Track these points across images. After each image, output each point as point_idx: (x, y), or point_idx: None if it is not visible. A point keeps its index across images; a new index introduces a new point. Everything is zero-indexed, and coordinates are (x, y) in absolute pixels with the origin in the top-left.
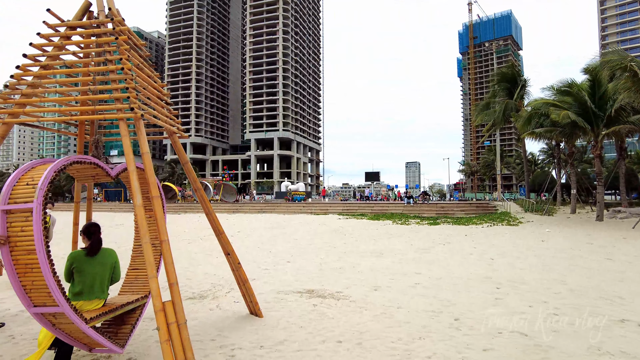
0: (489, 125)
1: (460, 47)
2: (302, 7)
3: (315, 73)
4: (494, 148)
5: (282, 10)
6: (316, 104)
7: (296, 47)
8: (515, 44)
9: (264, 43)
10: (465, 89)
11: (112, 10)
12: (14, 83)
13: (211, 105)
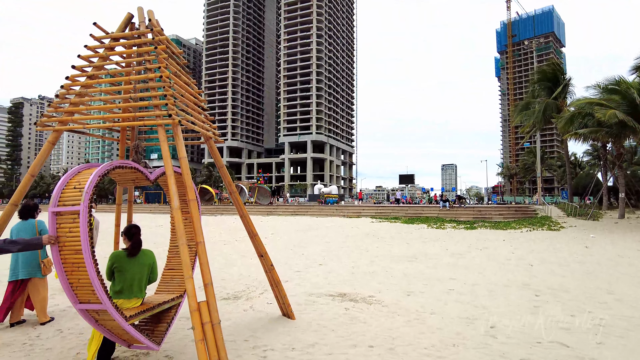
0: (528, 126)
1: (498, 46)
2: (335, 11)
3: (349, 76)
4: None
5: (316, 14)
6: (349, 106)
7: (330, 51)
8: (558, 41)
9: (298, 47)
10: (503, 89)
11: (152, 22)
12: (63, 93)
13: (247, 109)
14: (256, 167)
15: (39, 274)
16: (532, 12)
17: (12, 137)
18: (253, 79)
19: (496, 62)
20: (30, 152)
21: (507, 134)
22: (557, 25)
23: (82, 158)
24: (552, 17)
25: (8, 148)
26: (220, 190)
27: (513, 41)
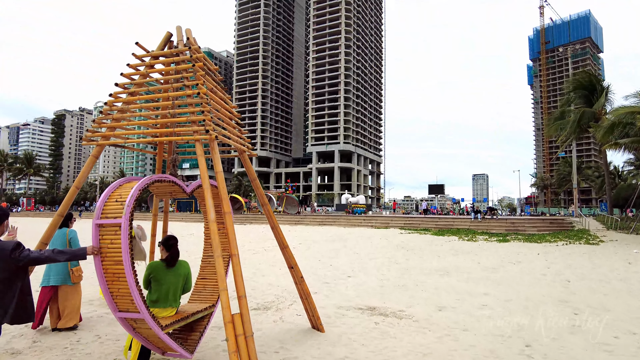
0: (563, 135)
1: (531, 53)
2: (364, 22)
3: (377, 85)
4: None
5: (345, 25)
6: (377, 115)
7: (358, 61)
8: (595, 46)
9: (326, 58)
10: (536, 97)
11: (190, 40)
12: (106, 109)
13: (276, 120)
14: (284, 176)
15: (68, 281)
16: (567, 18)
17: (55, 147)
18: (282, 89)
19: (529, 70)
20: (70, 161)
21: (540, 143)
22: (595, 30)
23: (117, 167)
24: (589, 22)
25: (51, 157)
26: (250, 199)
27: (547, 48)
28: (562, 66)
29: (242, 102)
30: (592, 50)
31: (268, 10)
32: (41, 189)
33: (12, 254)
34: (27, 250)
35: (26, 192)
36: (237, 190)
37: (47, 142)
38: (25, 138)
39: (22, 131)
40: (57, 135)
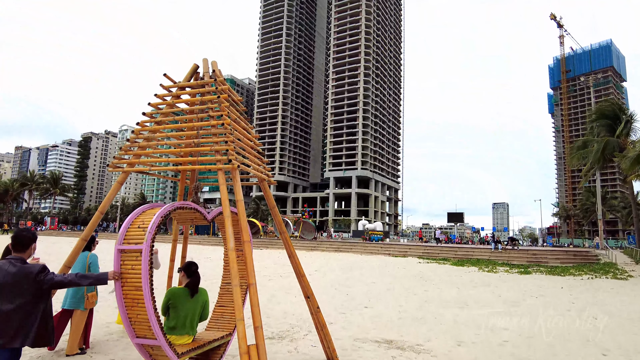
0: (588, 166)
1: (551, 81)
2: (383, 51)
3: (395, 113)
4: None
5: (364, 54)
6: (395, 142)
7: (376, 89)
8: (617, 75)
9: (345, 86)
10: (557, 126)
11: (215, 72)
12: (133, 137)
13: (294, 145)
14: (301, 201)
15: (81, 306)
16: (587, 47)
17: (80, 168)
18: (301, 115)
19: (549, 98)
20: (94, 182)
21: (562, 172)
22: (617, 59)
23: (138, 189)
24: (611, 51)
25: (75, 178)
26: (267, 223)
27: (568, 77)
28: (583, 95)
29: (262, 128)
30: (615, 79)
31: (290, 40)
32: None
33: (37, 276)
34: (52, 273)
35: (50, 212)
36: (255, 214)
37: (73, 163)
38: (54, 159)
39: (50, 152)
40: (82, 156)
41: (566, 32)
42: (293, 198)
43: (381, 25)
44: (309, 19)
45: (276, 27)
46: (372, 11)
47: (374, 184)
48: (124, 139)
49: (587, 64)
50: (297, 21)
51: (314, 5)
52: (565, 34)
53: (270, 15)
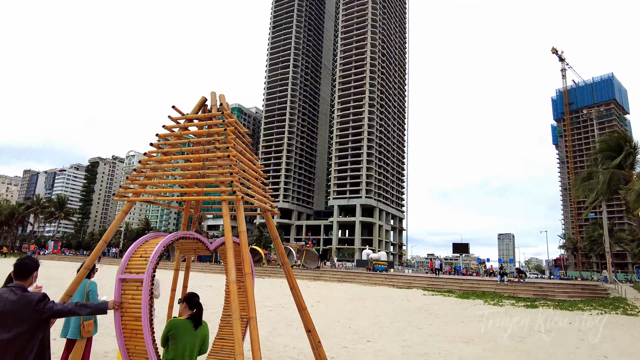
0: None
1: (554, 113)
2: (388, 82)
3: (400, 142)
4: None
5: (369, 85)
6: (399, 171)
7: (381, 119)
8: (620, 108)
9: (350, 116)
10: (562, 157)
11: (223, 105)
12: (140, 167)
13: (299, 173)
14: (305, 229)
15: (78, 336)
16: (589, 80)
17: (86, 193)
18: (306, 144)
19: (553, 130)
20: (99, 207)
21: (568, 203)
22: (619, 92)
23: (142, 215)
24: (613, 85)
25: (81, 202)
26: (269, 251)
27: (571, 109)
28: (587, 127)
29: (268, 155)
30: (618, 112)
31: (296, 71)
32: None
33: (37, 305)
34: (52, 302)
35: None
36: (258, 241)
37: (79, 187)
38: (60, 183)
39: (58, 176)
40: (89, 181)
41: (568, 66)
42: (297, 226)
43: (386, 57)
44: (315, 52)
45: (284, 58)
46: (377, 44)
47: (378, 213)
48: (131, 164)
49: (590, 97)
50: (304, 53)
51: (320, 39)
52: (567, 67)
53: (278, 47)
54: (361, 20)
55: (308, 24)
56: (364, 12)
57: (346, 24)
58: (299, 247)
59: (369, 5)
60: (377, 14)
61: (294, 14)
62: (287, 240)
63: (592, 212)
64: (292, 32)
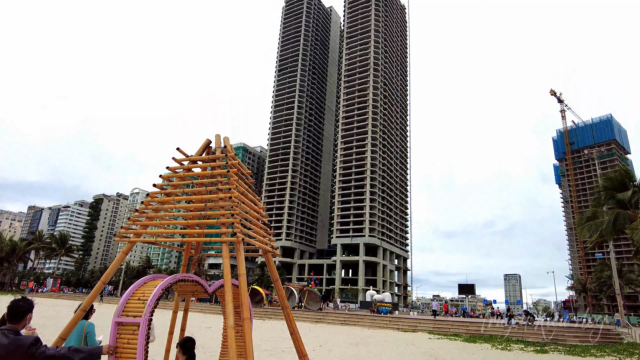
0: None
1: (556, 153)
2: (390, 122)
3: (402, 181)
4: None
5: (371, 126)
6: (403, 210)
7: (383, 158)
8: (621, 148)
9: (353, 155)
10: (565, 197)
11: (227, 147)
12: (142, 208)
13: (302, 211)
14: (307, 268)
15: None
16: (589, 121)
17: (89, 229)
18: (310, 183)
19: (555, 169)
20: (101, 244)
21: (574, 242)
22: (619, 133)
23: (144, 252)
24: (612, 125)
25: (83, 239)
26: (271, 291)
27: (572, 148)
28: (589, 166)
29: (271, 193)
30: (619, 152)
31: (301, 112)
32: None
33: (29, 349)
34: (44, 346)
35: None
36: (259, 281)
37: (82, 224)
38: (64, 219)
39: (61, 213)
40: (92, 218)
41: (567, 107)
42: (299, 265)
43: (388, 99)
44: (319, 93)
45: (288, 99)
46: (380, 86)
47: (382, 252)
48: (135, 201)
49: (590, 137)
50: (308, 94)
51: (324, 81)
52: (566, 109)
53: (283, 89)
54: (363, 64)
55: (312, 67)
56: (366, 56)
57: (349, 67)
58: (301, 288)
59: (371, 50)
60: (379, 58)
61: (299, 58)
62: (289, 280)
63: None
64: (297, 75)
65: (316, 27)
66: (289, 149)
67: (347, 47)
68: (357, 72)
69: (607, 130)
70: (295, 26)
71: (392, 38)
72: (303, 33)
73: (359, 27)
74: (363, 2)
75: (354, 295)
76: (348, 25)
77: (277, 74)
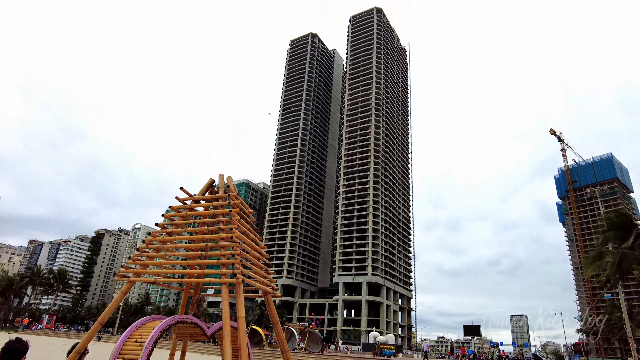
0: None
1: (559, 191)
2: (391, 161)
3: (405, 219)
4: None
5: (374, 163)
6: (406, 248)
7: (386, 195)
8: (623, 186)
9: (355, 192)
10: (570, 235)
11: (230, 187)
12: (143, 247)
13: (304, 248)
14: (308, 307)
15: None
16: (590, 159)
17: (88, 265)
18: (312, 219)
19: (558, 208)
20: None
21: (581, 282)
22: (620, 171)
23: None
24: (613, 164)
25: (82, 274)
26: (271, 332)
27: (574, 187)
28: (592, 204)
29: (273, 230)
30: (622, 190)
31: (304, 149)
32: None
33: None
34: None
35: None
36: (259, 321)
37: (82, 258)
38: (64, 254)
39: (62, 247)
40: (92, 253)
41: (567, 146)
42: (300, 304)
43: (389, 137)
44: (322, 131)
45: (292, 137)
46: (381, 125)
47: (385, 292)
48: (136, 237)
49: (592, 175)
50: (311, 132)
51: (326, 119)
52: (567, 147)
53: (287, 127)
54: (365, 104)
55: (315, 106)
56: (368, 96)
57: (351, 106)
58: (302, 329)
59: (373, 90)
60: (380, 98)
61: (302, 98)
62: (289, 320)
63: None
64: (300, 114)
65: (319, 68)
66: (291, 185)
67: (349, 88)
68: (359, 111)
69: (609, 169)
70: (300, 67)
71: (393, 79)
72: (307, 74)
73: (360, 69)
74: (365, 46)
75: (356, 337)
76: (350, 67)
77: (281, 112)
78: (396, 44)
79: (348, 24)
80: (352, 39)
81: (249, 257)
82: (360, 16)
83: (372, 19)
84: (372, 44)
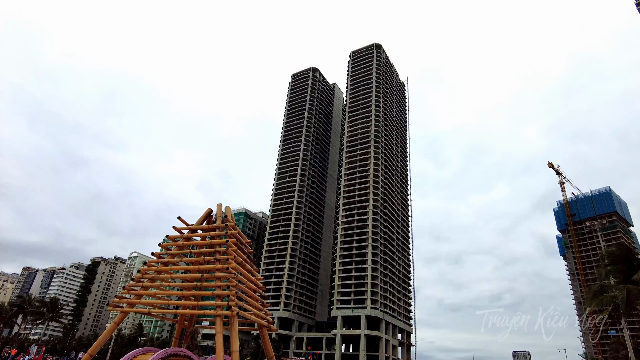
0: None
1: (558, 224)
2: (390, 192)
3: (405, 251)
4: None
5: (373, 194)
6: (406, 281)
7: (385, 226)
8: (623, 220)
9: (355, 222)
10: (571, 269)
11: (227, 217)
12: (138, 276)
13: (302, 280)
14: (306, 342)
15: None
16: (588, 193)
17: (82, 293)
18: (310, 250)
19: (559, 241)
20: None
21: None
22: (619, 205)
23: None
24: (611, 198)
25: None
26: None
27: (574, 220)
28: (592, 238)
29: (271, 260)
30: (622, 224)
31: (303, 179)
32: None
33: None
34: None
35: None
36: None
37: (76, 287)
38: (57, 282)
39: (56, 275)
40: (87, 281)
41: (565, 179)
42: (297, 338)
43: (388, 168)
44: (321, 162)
45: (291, 168)
46: (380, 157)
47: (384, 326)
48: (132, 265)
49: (591, 209)
50: (310, 163)
51: (326, 150)
52: (565, 181)
53: (287, 157)
54: (365, 136)
55: (315, 137)
56: (367, 129)
57: (351, 138)
58: None
59: (372, 123)
60: (379, 131)
61: (302, 129)
62: (285, 355)
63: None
64: (300, 145)
65: (320, 100)
66: (290, 215)
67: (349, 120)
68: (358, 143)
69: (607, 202)
70: (300, 100)
71: (392, 112)
72: (307, 106)
73: (360, 103)
74: (364, 81)
75: None
76: (350, 100)
77: (282, 143)
78: (395, 79)
79: (348, 59)
80: (352, 73)
81: (245, 289)
82: (361, 51)
83: (372, 54)
84: (372, 79)
